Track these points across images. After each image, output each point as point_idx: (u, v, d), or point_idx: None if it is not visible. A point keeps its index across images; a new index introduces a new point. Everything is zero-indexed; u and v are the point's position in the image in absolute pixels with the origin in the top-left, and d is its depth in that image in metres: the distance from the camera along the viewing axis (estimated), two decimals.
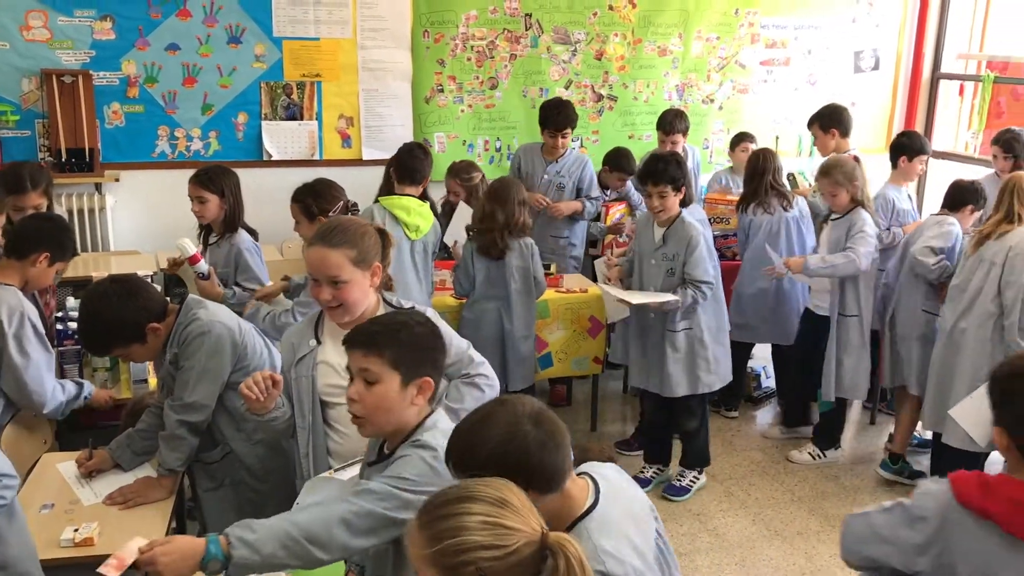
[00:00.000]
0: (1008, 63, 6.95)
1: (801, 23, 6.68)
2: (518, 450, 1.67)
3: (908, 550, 1.92)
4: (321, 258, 2.41)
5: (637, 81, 6.39)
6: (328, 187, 3.80)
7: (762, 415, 5.51)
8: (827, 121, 5.38)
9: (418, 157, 4.45)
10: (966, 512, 1.84)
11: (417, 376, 2.02)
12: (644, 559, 1.81)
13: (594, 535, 1.75)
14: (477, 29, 5.97)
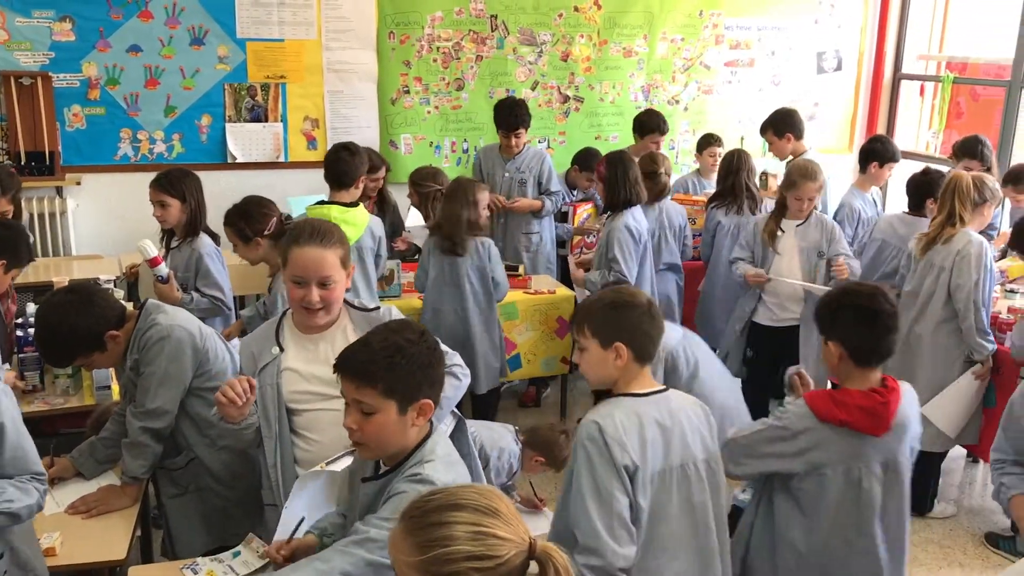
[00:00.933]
0: (967, 64, 7.06)
1: (764, 24, 6.74)
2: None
3: (786, 456, 2.43)
4: (318, 258, 2.40)
5: (603, 82, 6.41)
6: (257, 206, 3.69)
7: None
8: (781, 126, 5.42)
9: (343, 160, 4.20)
10: (825, 424, 2.38)
11: (415, 400, 1.95)
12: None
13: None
14: (443, 30, 5.96)
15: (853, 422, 2.37)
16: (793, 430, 2.42)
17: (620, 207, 4.60)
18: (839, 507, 2.43)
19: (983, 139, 5.11)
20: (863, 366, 2.43)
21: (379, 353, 1.94)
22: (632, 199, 4.60)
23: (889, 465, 2.45)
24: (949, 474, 4.74)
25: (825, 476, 2.41)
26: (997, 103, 6.43)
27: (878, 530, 2.46)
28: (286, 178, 5.76)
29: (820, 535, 2.45)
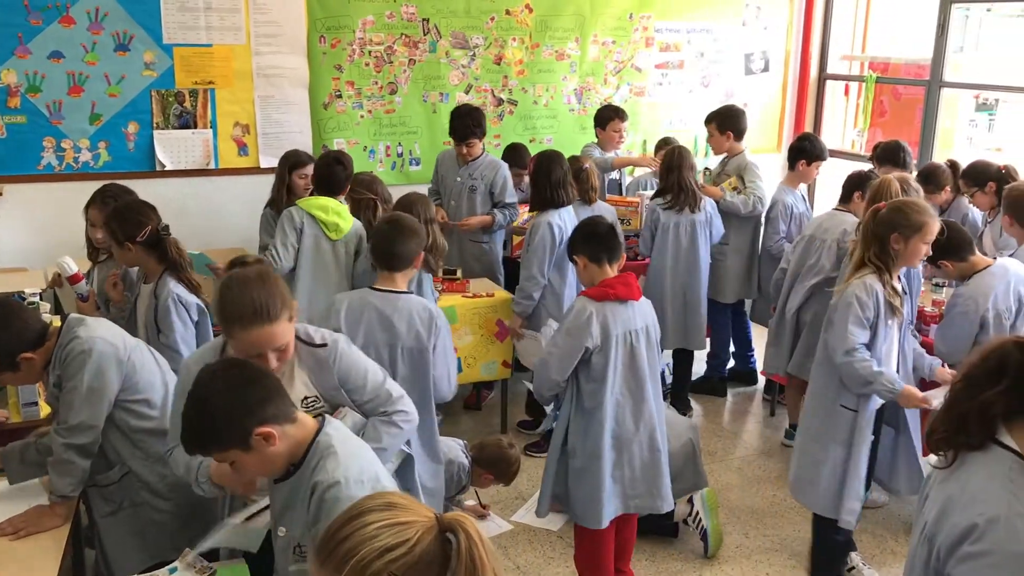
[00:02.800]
0: (888, 64, 7.27)
1: (693, 27, 6.84)
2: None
3: (588, 339, 3.24)
4: (268, 336, 2.31)
5: (536, 85, 6.44)
6: (134, 212, 3.50)
7: None
8: (725, 122, 5.52)
9: (338, 173, 4.50)
10: (602, 302, 3.28)
11: (247, 438, 1.94)
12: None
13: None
14: (374, 34, 5.92)
15: (617, 293, 3.29)
16: (585, 315, 3.25)
17: (543, 207, 4.67)
18: (623, 368, 3.32)
19: (904, 145, 5.24)
20: (600, 264, 3.35)
21: (190, 424, 1.99)
22: (555, 200, 4.65)
23: (648, 329, 3.39)
24: None
25: (609, 346, 3.26)
26: (918, 101, 6.63)
27: (648, 377, 3.39)
28: (217, 185, 5.67)
29: (612, 394, 3.32)
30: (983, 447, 1.72)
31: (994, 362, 1.73)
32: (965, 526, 1.65)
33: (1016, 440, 1.72)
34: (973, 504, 1.67)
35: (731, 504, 4.51)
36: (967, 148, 7.83)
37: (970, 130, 8.32)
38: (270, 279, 2.39)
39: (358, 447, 2.10)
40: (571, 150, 5.67)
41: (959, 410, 1.76)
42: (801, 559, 4.07)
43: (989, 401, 1.71)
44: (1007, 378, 1.70)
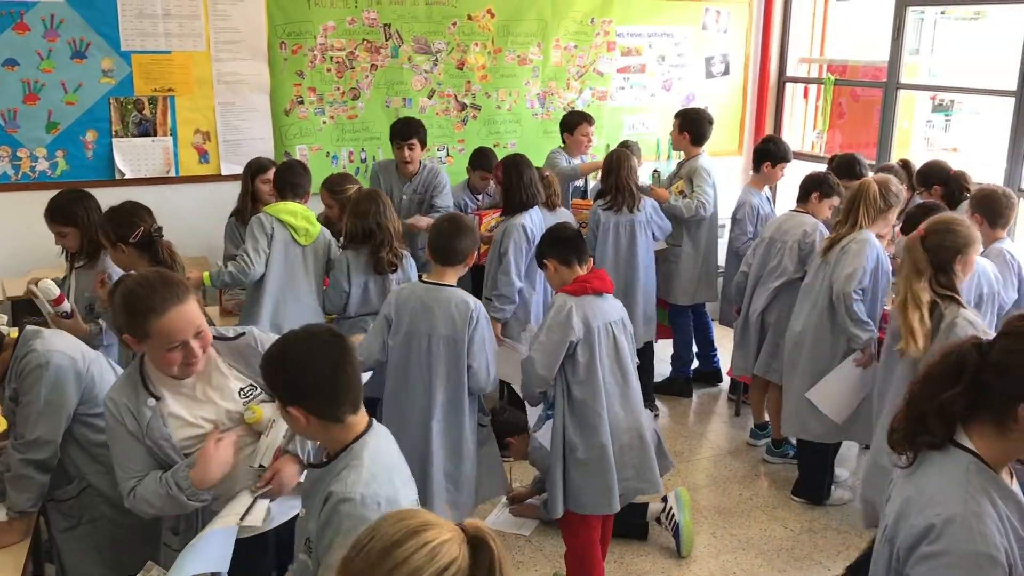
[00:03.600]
0: (846, 66, 7.36)
1: (654, 31, 6.88)
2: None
3: (572, 333, 3.33)
4: (188, 315, 2.31)
5: (499, 90, 6.44)
6: (128, 213, 3.55)
7: None
8: (686, 123, 5.56)
9: (299, 174, 4.51)
10: (581, 297, 3.39)
11: (287, 404, 2.05)
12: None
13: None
14: (336, 40, 5.89)
15: (594, 286, 3.43)
16: (566, 317, 3.34)
17: (517, 209, 4.70)
18: (609, 359, 3.45)
19: (859, 158, 5.30)
20: (570, 266, 3.47)
21: (271, 364, 2.11)
22: (528, 201, 4.70)
23: (624, 320, 3.53)
24: (847, 461, 4.93)
25: (593, 338, 3.37)
26: (875, 103, 6.72)
27: (631, 366, 3.53)
28: (179, 193, 5.61)
29: (603, 384, 3.42)
30: (942, 448, 1.75)
31: (953, 363, 1.75)
32: (923, 526, 1.67)
33: (973, 441, 1.74)
34: (931, 505, 1.69)
35: (698, 504, 4.54)
36: (924, 149, 7.95)
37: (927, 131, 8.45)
38: (166, 273, 2.45)
39: (388, 467, 2.08)
40: (535, 154, 5.68)
41: (919, 410, 1.78)
42: (768, 557, 4.10)
43: (948, 401, 1.73)
44: (965, 379, 1.72)
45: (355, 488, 1.97)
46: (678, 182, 5.60)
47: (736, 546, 4.21)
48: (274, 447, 2.39)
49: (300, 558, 2.12)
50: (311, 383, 2.03)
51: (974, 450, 1.74)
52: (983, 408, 1.73)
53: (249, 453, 2.42)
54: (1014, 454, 1.76)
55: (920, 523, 1.69)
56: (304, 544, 2.10)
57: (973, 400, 1.73)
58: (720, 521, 4.42)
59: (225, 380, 2.45)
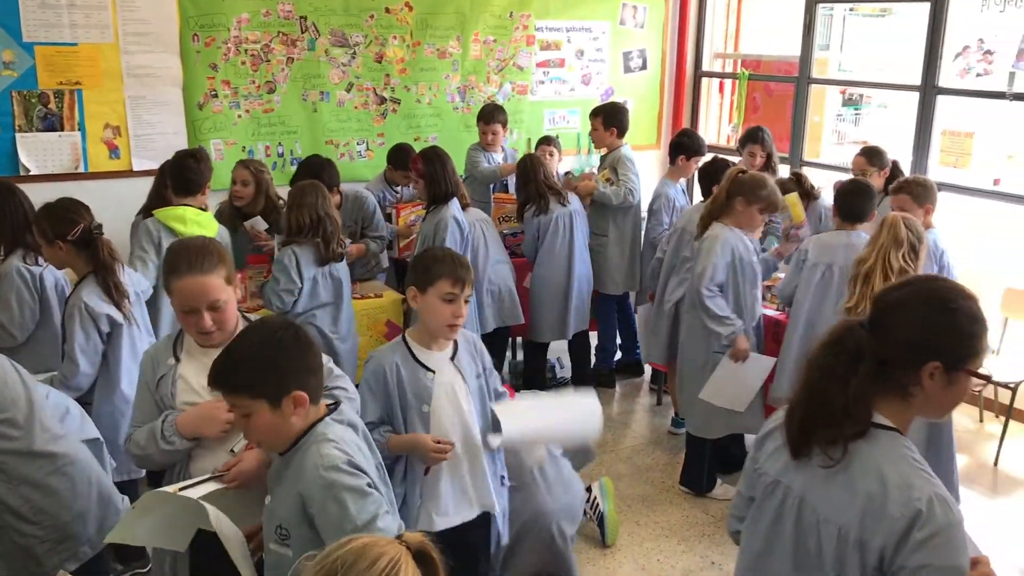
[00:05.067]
0: (760, 61, 7.52)
1: (572, 26, 6.92)
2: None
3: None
4: (202, 287, 2.39)
5: (419, 83, 6.40)
6: (65, 210, 3.43)
7: None
8: (611, 119, 5.63)
9: (190, 167, 4.22)
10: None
11: (284, 394, 2.01)
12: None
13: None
14: (250, 32, 5.77)
15: None
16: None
17: (443, 200, 4.67)
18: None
19: (763, 128, 5.63)
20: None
21: (235, 358, 2.04)
22: (452, 190, 4.69)
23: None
24: None
25: None
26: (788, 97, 6.88)
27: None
28: (88, 190, 5.39)
29: None
30: (865, 434, 1.77)
31: (851, 349, 1.78)
32: (910, 516, 1.67)
33: (886, 417, 1.78)
34: (905, 492, 1.69)
35: (622, 493, 4.59)
36: (835, 142, 8.18)
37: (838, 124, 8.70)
38: (212, 243, 2.54)
39: (351, 442, 2.11)
40: (456, 148, 5.67)
41: (833, 404, 1.77)
42: (691, 544, 4.18)
43: (862, 386, 1.75)
44: (866, 361, 1.76)
45: (334, 457, 2.00)
46: (604, 171, 5.67)
47: (659, 533, 4.27)
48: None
49: (271, 548, 2.08)
50: (309, 361, 2.07)
51: (894, 426, 1.78)
52: (885, 383, 1.78)
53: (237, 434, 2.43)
54: (918, 414, 1.82)
55: (905, 513, 1.67)
56: (276, 533, 2.07)
57: (877, 379, 1.77)
58: (643, 509, 4.48)
59: None
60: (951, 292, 1.79)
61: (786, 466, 1.90)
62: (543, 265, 5.34)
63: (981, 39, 5.57)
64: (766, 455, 1.98)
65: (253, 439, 2.13)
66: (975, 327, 1.77)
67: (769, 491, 1.93)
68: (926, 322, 1.76)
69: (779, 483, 1.91)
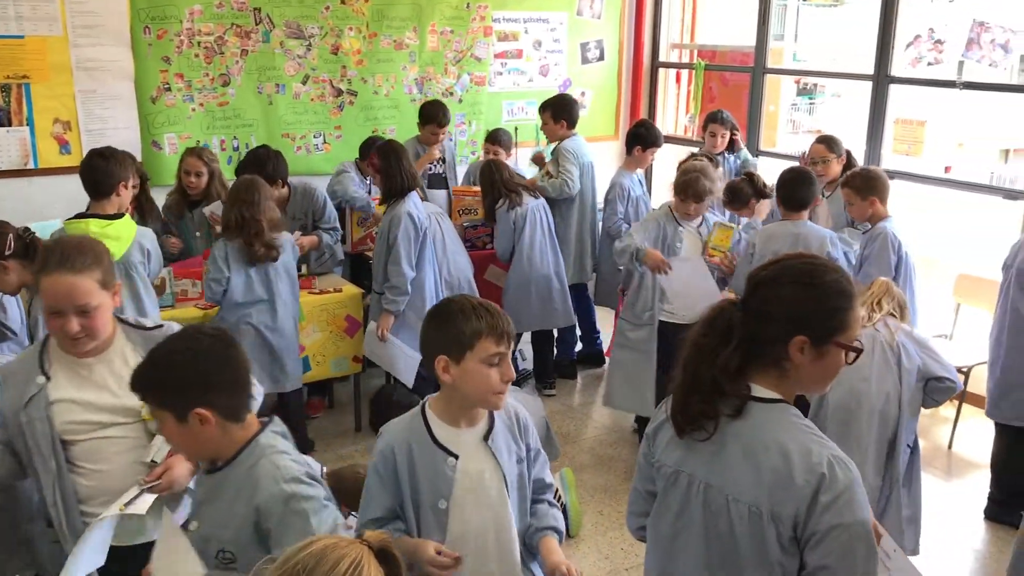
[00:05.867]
0: (716, 52, 7.57)
1: (530, 16, 6.91)
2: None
3: None
4: (70, 287, 2.21)
5: (376, 75, 6.35)
6: None
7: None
8: (559, 111, 5.64)
9: (97, 167, 3.86)
10: None
11: (188, 409, 1.90)
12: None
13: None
14: (203, 24, 5.68)
15: None
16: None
17: (400, 194, 4.64)
18: None
19: (723, 110, 5.84)
20: None
21: (150, 362, 1.98)
22: (409, 185, 4.66)
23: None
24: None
25: None
26: (744, 87, 6.94)
27: None
28: (38, 186, 5.31)
29: None
30: (744, 408, 1.81)
31: (722, 326, 1.84)
32: (814, 481, 1.71)
33: (768, 388, 1.83)
34: (806, 458, 1.73)
35: (585, 483, 4.61)
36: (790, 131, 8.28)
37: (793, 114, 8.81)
38: (91, 243, 2.36)
39: (297, 453, 2.05)
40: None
41: (704, 378, 1.83)
42: None
43: (726, 361, 1.81)
44: (736, 337, 1.82)
45: (290, 468, 1.94)
46: (548, 166, 5.71)
47: (623, 523, 4.27)
48: (168, 445, 2.32)
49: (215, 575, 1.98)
50: (224, 378, 1.96)
51: (779, 397, 1.83)
52: (759, 358, 1.83)
53: (140, 450, 2.35)
54: (798, 388, 1.87)
55: (810, 480, 1.71)
56: (217, 558, 1.96)
57: (746, 354, 1.82)
58: (606, 499, 4.50)
59: (126, 370, 2.31)
60: (816, 268, 1.84)
61: (684, 455, 1.91)
62: (526, 257, 5.31)
63: (932, 29, 5.65)
64: (661, 447, 1.98)
65: (176, 447, 2.08)
66: (840, 300, 1.81)
67: (672, 482, 1.94)
68: (791, 298, 1.80)
69: (680, 472, 1.92)
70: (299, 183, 5.13)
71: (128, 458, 2.34)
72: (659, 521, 2.00)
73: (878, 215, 4.35)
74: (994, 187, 5.68)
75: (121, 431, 2.35)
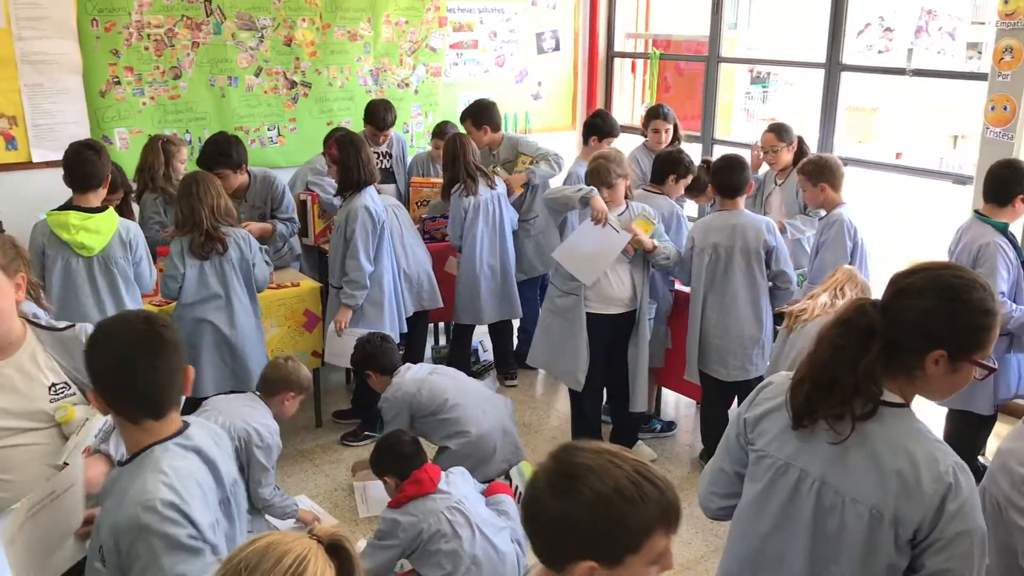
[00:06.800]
0: (671, 41, 7.61)
1: (485, 7, 6.89)
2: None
3: (401, 549, 3.29)
4: None
5: (330, 67, 6.29)
6: None
7: None
8: (479, 118, 5.62)
9: (88, 160, 3.88)
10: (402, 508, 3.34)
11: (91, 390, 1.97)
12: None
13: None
14: (152, 16, 5.58)
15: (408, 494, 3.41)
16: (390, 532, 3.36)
17: (357, 187, 4.60)
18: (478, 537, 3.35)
19: (663, 104, 5.83)
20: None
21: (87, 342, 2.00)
22: (367, 179, 4.62)
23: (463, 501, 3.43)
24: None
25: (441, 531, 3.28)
26: (699, 76, 6.98)
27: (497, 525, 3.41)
28: None
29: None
30: (876, 411, 1.82)
31: (863, 328, 1.82)
32: (942, 491, 1.74)
33: (893, 392, 1.85)
34: (933, 467, 1.76)
35: None
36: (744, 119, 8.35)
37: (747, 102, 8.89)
38: (5, 240, 2.31)
39: (194, 483, 1.90)
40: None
41: (843, 380, 1.82)
42: None
43: (873, 365, 1.81)
44: (877, 340, 1.81)
45: (155, 494, 1.81)
46: (522, 158, 5.65)
47: None
48: (82, 446, 2.26)
49: (95, 566, 1.93)
50: (106, 367, 1.91)
51: (902, 401, 1.85)
52: (891, 362, 1.83)
53: (53, 457, 2.27)
54: (922, 394, 1.90)
55: (938, 489, 1.74)
56: (98, 551, 1.91)
57: (887, 358, 1.82)
58: None
59: (37, 372, 2.28)
60: (964, 284, 1.81)
61: (798, 449, 1.92)
62: (476, 248, 5.30)
63: (882, 17, 5.74)
64: (769, 437, 1.98)
65: None
66: (984, 319, 1.80)
67: (780, 473, 1.94)
68: (936, 311, 1.79)
69: (790, 466, 1.93)
70: (259, 171, 5.06)
71: (39, 466, 2.24)
72: (758, 511, 2.00)
73: (832, 201, 4.40)
74: (944, 172, 5.79)
75: (33, 437, 2.26)
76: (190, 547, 1.81)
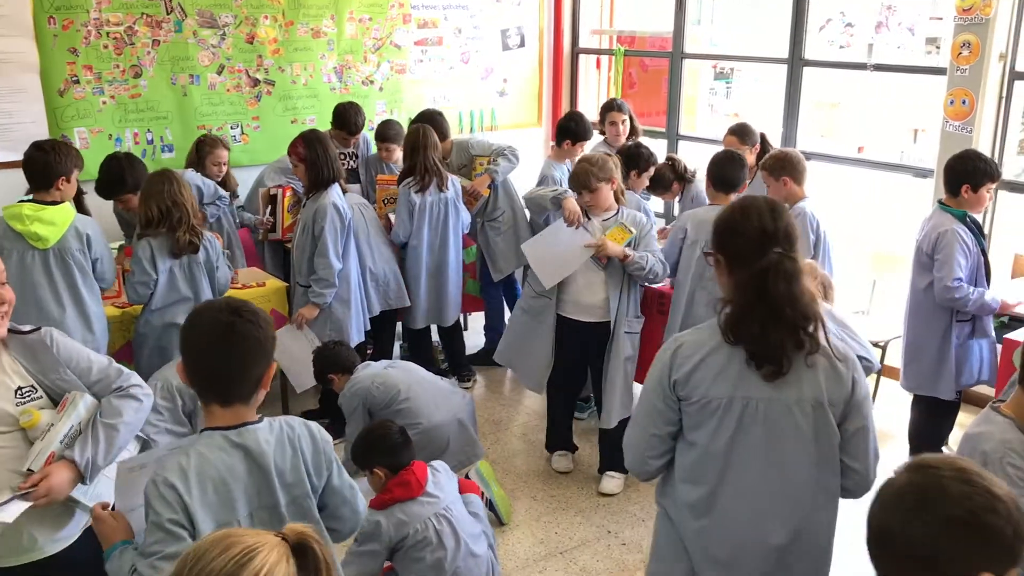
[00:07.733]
0: (635, 37, 7.64)
1: (449, 3, 6.87)
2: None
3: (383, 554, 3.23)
4: None
5: (293, 64, 6.24)
6: None
7: None
8: (435, 127, 5.55)
9: (35, 159, 3.84)
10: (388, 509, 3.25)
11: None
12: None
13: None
14: (111, 14, 5.50)
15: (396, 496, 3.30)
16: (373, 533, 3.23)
17: (324, 185, 4.57)
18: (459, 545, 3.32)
19: (617, 98, 5.89)
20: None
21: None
22: (333, 176, 4.59)
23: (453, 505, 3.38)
24: None
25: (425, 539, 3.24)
26: (663, 72, 7.02)
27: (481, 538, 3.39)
28: None
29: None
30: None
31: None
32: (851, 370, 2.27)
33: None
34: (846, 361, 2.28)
35: (518, 470, 4.63)
36: (709, 115, 8.40)
37: (711, 98, 8.94)
38: None
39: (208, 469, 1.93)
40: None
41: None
42: (587, 515, 4.25)
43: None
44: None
45: (164, 471, 1.88)
46: (478, 160, 5.65)
47: (556, 507, 4.33)
48: (47, 452, 2.23)
49: None
50: (188, 348, 1.99)
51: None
52: None
53: (17, 461, 2.25)
54: None
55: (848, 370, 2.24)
56: None
57: None
58: (539, 484, 4.53)
59: (2, 375, 2.26)
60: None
61: (736, 384, 2.17)
62: (424, 250, 5.25)
63: (843, 12, 5.80)
64: (706, 385, 2.19)
65: None
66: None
67: (726, 408, 2.18)
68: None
69: (734, 398, 2.18)
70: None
71: (3, 471, 2.23)
72: (710, 442, 2.22)
73: (795, 196, 4.44)
74: (905, 166, 5.86)
75: (3, 440, 2.25)
76: (168, 530, 1.85)
